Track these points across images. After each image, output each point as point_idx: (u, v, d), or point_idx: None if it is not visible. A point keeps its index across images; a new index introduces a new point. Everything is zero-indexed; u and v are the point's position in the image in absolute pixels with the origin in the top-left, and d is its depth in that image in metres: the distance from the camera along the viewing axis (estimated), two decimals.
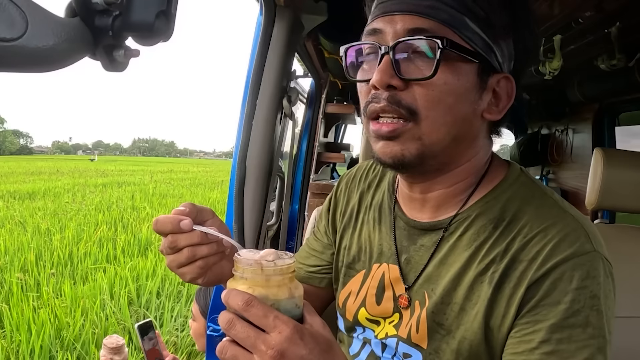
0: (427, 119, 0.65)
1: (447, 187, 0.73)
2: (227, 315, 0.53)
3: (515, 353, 0.63)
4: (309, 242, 0.96)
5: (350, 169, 0.95)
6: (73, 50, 0.39)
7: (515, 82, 0.70)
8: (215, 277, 0.71)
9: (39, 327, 3.37)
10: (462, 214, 0.72)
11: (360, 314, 0.80)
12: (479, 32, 0.65)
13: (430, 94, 0.64)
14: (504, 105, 0.70)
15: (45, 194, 12.56)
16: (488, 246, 0.68)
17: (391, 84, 0.64)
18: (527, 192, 0.71)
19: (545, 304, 0.62)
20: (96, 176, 21.47)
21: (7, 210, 9.14)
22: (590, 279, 0.62)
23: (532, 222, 0.66)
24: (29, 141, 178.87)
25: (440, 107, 0.64)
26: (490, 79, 0.68)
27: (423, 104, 0.64)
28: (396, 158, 0.67)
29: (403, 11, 0.65)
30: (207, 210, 0.70)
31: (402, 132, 0.65)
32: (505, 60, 0.69)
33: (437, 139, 0.66)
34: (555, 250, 0.63)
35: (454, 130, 0.66)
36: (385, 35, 0.66)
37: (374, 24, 0.68)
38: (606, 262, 0.65)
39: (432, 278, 0.72)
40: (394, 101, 0.65)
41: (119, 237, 6.46)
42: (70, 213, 8.69)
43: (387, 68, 0.64)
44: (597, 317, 0.61)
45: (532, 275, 0.63)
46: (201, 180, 20.50)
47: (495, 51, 0.66)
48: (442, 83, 0.64)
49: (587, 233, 0.65)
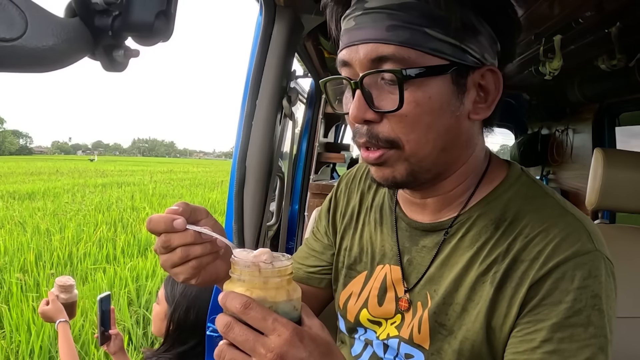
0: (409, 142, 0.65)
1: (447, 192, 0.73)
2: (225, 318, 0.52)
3: (516, 352, 0.63)
4: (308, 243, 0.96)
5: (350, 170, 0.95)
6: (73, 51, 0.39)
7: (503, 69, 0.69)
8: (209, 277, 0.71)
9: (38, 328, 3.37)
10: (463, 215, 0.72)
11: (362, 315, 0.80)
12: (443, 39, 0.62)
13: (405, 121, 0.63)
14: (493, 98, 0.68)
15: (44, 194, 12.56)
16: (490, 246, 0.68)
17: (366, 118, 0.65)
18: (528, 192, 0.71)
19: (547, 304, 0.62)
20: (96, 176, 21.47)
21: (7, 210, 9.14)
22: (592, 278, 0.62)
23: (534, 222, 0.66)
24: (28, 141, 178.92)
25: (419, 128, 0.64)
26: (470, 78, 0.65)
27: (401, 131, 0.64)
28: (389, 180, 0.68)
29: (363, 40, 0.64)
30: (201, 210, 0.70)
31: (388, 157, 0.66)
32: (485, 51, 0.65)
33: (424, 155, 0.66)
34: (556, 250, 0.63)
35: (439, 143, 0.66)
36: (354, 67, 0.66)
37: (342, 54, 0.67)
38: (608, 261, 0.65)
39: (434, 279, 0.72)
40: (372, 136, 0.65)
41: (118, 238, 6.46)
42: (69, 213, 8.69)
43: (360, 104, 0.64)
44: (598, 316, 0.61)
45: (533, 275, 0.63)
46: (201, 180, 20.50)
47: (468, 49, 0.64)
48: (413, 108, 0.63)
49: (589, 232, 0.65)
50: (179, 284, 1.54)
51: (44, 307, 1.65)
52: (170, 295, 1.54)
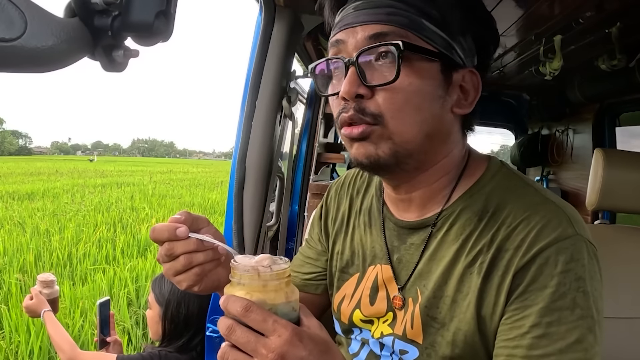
0: (393, 119, 0.67)
1: (429, 185, 0.75)
2: (227, 321, 0.54)
3: (507, 339, 0.64)
4: (302, 251, 0.98)
5: (339, 178, 0.98)
6: (72, 51, 0.39)
7: (480, 76, 0.73)
8: (211, 284, 0.73)
9: (38, 328, 3.36)
10: (447, 210, 0.74)
11: (355, 316, 0.82)
12: (436, 31, 0.67)
13: (395, 97, 0.66)
14: (473, 98, 0.72)
15: (44, 195, 12.56)
16: (474, 238, 0.69)
17: (359, 93, 0.67)
18: (508, 183, 0.73)
19: (533, 289, 0.64)
20: (95, 177, 21.48)
21: (6, 210, 9.13)
22: (575, 261, 0.63)
23: (515, 211, 0.68)
24: (27, 142, 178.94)
25: (407, 107, 0.67)
26: (455, 75, 0.70)
27: (388, 107, 0.66)
28: (372, 157, 0.69)
29: (362, 22, 0.68)
30: (202, 219, 0.72)
31: (371, 132, 0.67)
32: (468, 55, 0.71)
33: (409, 137, 0.68)
34: (538, 236, 0.65)
35: (425, 127, 0.68)
36: (348, 47, 0.69)
37: (337, 35, 0.70)
38: (589, 244, 0.66)
39: (423, 274, 0.74)
40: (359, 110, 0.67)
41: (118, 238, 6.45)
42: (69, 214, 8.69)
43: (353, 79, 0.67)
44: (583, 298, 0.63)
45: (518, 262, 0.65)
46: (201, 180, 20.51)
47: (455, 48, 0.69)
48: (406, 85, 0.66)
49: (569, 217, 0.67)
50: (166, 283, 1.62)
51: (28, 302, 1.73)
52: (160, 296, 1.61)
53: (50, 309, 1.72)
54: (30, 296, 1.73)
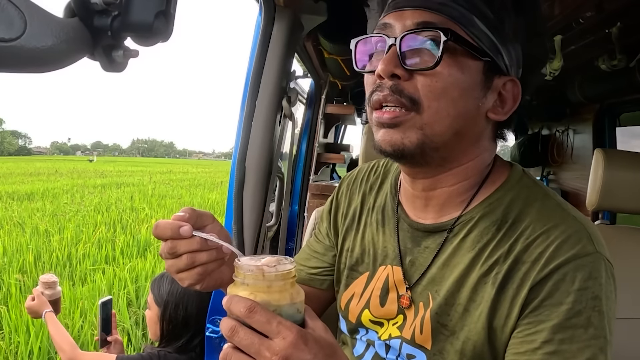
0: (430, 109, 0.65)
1: (449, 186, 0.73)
2: (230, 322, 0.52)
3: (517, 353, 0.63)
4: (310, 244, 0.96)
5: (352, 171, 0.95)
6: (72, 51, 0.39)
7: (522, 88, 0.70)
8: (214, 282, 0.71)
9: (37, 329, 3.36)
10: (465, 216, 0.72)
11: (364, 316, 0.80)
12: (486, 32, 0.65)
13: (433, 85, 0.64)
14: (509, 108, 0.70)
15: (43, 195, 12.55)
16: (491, 248, 0.68)
17: (395, 73, 0.65)
18: (529, 193, 0.71)
19: (548, 305, 0.62)
20: (95, 177, 21.46)
21: (6, 211, 9.13)
22: (592, 280, 0.62)
23: (535, 223, 0.67)
24: (27, 142, 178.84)
25: (444, 98, 0.65)
26: (496, 80, 0.68)
27: (425, 93, 0.65)
28: (396, 146, 0.67)
29: (414, 6, 0.66)
30: (207, 215, 0.70)
31: (404, 120, 0.65)
32: (513, 65, 0.69)
33: (440, 130, 0.66)
34: (557, 251, 0.63)
35: (456, 124, 0.66)
36: (394, 29, 0.67)
37: (385, 19, 0.69)
38: (608, 263, 0.65)
39: (436, 280, 0.72)
40: (396, 90, 0.65)
41: (117, 238, 6.45)
42: (69, 214, 8.68)
43: (392, 58, 0.65)
44: (598, 317, 0.62)
45: (534, 276, 0.63)
46: (200, 181, 20.50)
47: (502, 53, 0.67)
48: (446, 75, 0.64)
49: (589, 234, 0.65)
50: (165, 284, 1.63)
51: (30, 302, 1.73)
52: (159, 297, 1.62)
53: (52, 309, 1.72)
54: (32, 297, 1.73)
